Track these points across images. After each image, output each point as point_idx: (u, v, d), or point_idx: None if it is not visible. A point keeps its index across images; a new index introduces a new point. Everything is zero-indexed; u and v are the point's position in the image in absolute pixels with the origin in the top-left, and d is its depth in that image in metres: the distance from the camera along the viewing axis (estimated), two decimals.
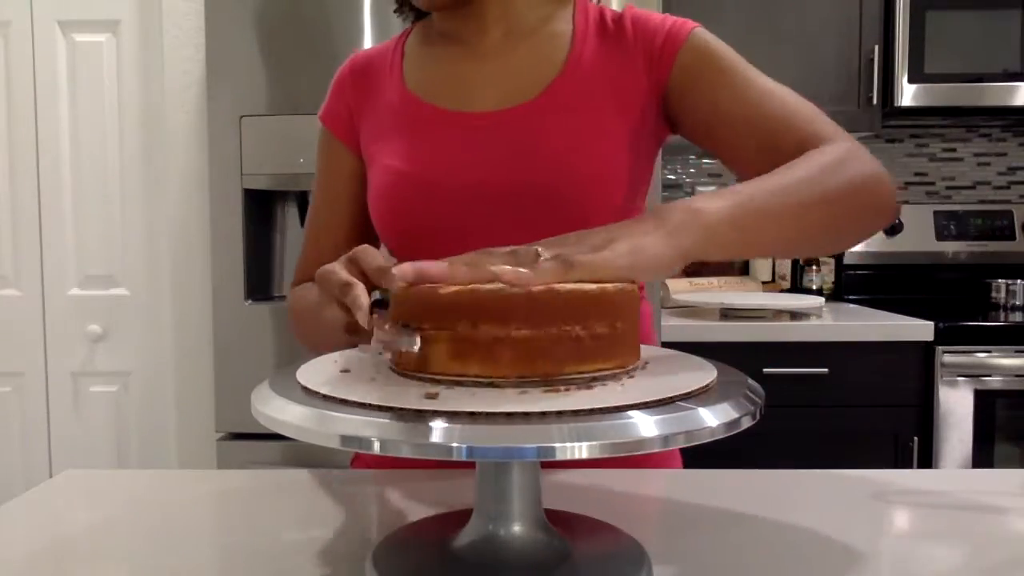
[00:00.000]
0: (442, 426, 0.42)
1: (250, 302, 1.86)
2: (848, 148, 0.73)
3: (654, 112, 0.83)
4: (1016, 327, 1.96)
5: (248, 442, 1.83)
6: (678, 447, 0.44)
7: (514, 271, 0.48)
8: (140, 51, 2.16)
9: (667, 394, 0.46)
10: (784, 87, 0.80)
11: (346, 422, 0.44)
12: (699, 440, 0.44)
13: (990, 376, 1.93)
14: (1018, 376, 1.92)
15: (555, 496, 0.71)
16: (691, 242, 0.59)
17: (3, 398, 2.24)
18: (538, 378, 0.49)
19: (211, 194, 1.86)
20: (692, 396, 0.47)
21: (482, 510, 0.54)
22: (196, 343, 2.05)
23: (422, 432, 0.42)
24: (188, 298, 2.06)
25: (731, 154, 0.81)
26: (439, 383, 0.49)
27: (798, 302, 2.06)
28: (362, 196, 0.89)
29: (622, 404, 0.44)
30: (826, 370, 1.93)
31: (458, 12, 0.86)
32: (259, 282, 1.92)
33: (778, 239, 0.67)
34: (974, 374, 1.92)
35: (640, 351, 0.56)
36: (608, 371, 0.51)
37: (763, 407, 0.50)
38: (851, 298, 2.47)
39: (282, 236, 1.99)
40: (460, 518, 0.57)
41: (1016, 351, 1.93)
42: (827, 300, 2.32)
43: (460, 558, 0.54)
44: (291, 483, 0.77)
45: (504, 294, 0.48)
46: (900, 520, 0.68)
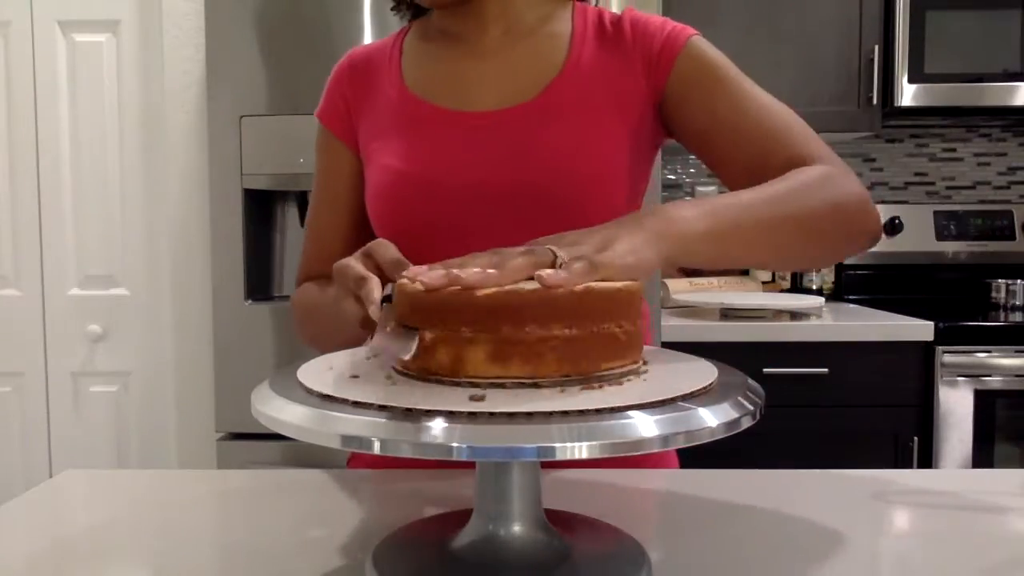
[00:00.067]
0: (442, 426, 0.42)
1: (250, 302, 1.86)
2: (832, 170, 0.74)
3: (651, 115, 0.84)
4: (1016, 327, 1.96)
5: (248, 442, 1.83)
6: (678, 447, 0.44)
7: (555, 274, 0.49)
8: (140, 51, 2.16)
9: (667, 394, 0.46)
10: (779, 102, 0.81)
11: (346, 422, 0.44)
12: (699, 440, 0.44)
13: (990, 376, 1.93)
14: (1018, 376, 1.92)
15: (555, 496, 0.71)
16: (669, 248, 0.60)
17: (3, 398, 2.24)
18: (578, 376, 0.49)
19: (211, 194, 1.86)
20: (692, 396, 0.47)
21: (482, 510, 0.54)
22: (196, 343, 2.05)
23: (422, 432, 0.42)
24: (188, 298, 2.06)
25: (720, 164, 0.81)
26: (477, 386, 0.48)
27: (798, 302, 2.06)
28: (362, 194, 0.89)
29: (622, 404, 0.44)
30: (826, 370, 1.93)
31: (458, 10, 0.86)
32: (259, 282, 1.92)
33: (753, 251, 0.69)
34: (974, 374, 1.92)
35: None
36: (630, 367, 0.53)
37: (763, 407, 0.50)
38: (851, 298, 2.47)
39: (282, 236, 1.99)
40: (460, 518, 0.57)
41: (1016, 351, 1.93)
42: (827, 300, 2.32)
43: (460, 558, 0.54)
44: (291, 483, 0.77)
45: (548, 295, 0.48)
46: (900, 520, 0.68)
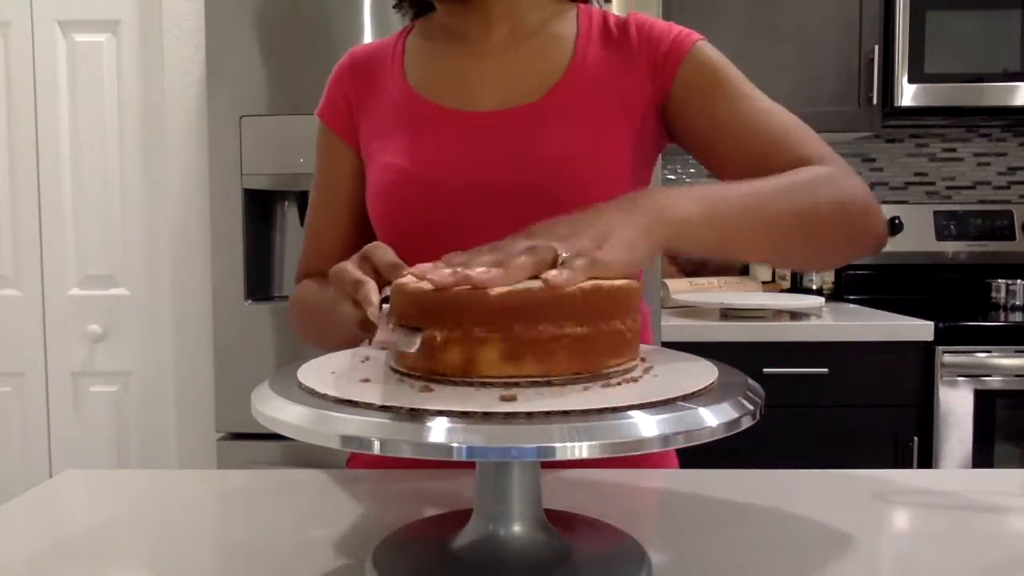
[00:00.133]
0: (442, 426, 0.42)
1: (250, 302, 1.86)
2: (835, 171, 0.73)
3: (654, 119, 0.84)
4: (1016, 327, 1.96)
5: (248, 442, 1.83)
6: (678, 447, 0.44)
7: (559, 275, 0.49)
8: (140, 51, 2.16)
9: (667, 394, 0.46)
10: (783, 108, 0.80)
11: (346, 422, 0.44)
12: (699, 440, 0.44)
13: (990, 376, 1.93)
14: (1018, 376, 1.92)
15: (555, 496, 0.71)
16: (664, 237, 0.60)
17: (3, 398, 2.24)
18: (589, 373, 0.50)
19: (211, 194, 1.86)
20: (692, 396, 0.47)
21: (482, 510, 0.54)
22: (196, 343, 2.05)
23: (422, 432, 0.42)
24: (188, 298, 2.06)
25: (722, 167, 0.81)
26: (491, 386, 0.48)
27: (798, 302, 2.06)
28: (362, 193, 0.89)
29: (622, 404, 0.44)
30: (826, 370, 1.93)
31: (462, 8, 0.86)
32: (259, 282, 1.92)
33: (748, 243, 0.68)
34: (974, 374, 1.92)
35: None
36: (632, 364, 0.53)
37: (763, 407, 0.50)
38: (851, 298, 2.47)
39: (282, 236, 1.99)
40: (460, 518, 0.57)
41: (1016, 351, 1.93)
42: (827, 300, 2.32)
43: (460, 558, 0.54)
44: (291, 483, 0.77)
45: (560, 293, 0.49)
46: (900, 520, 0.68)
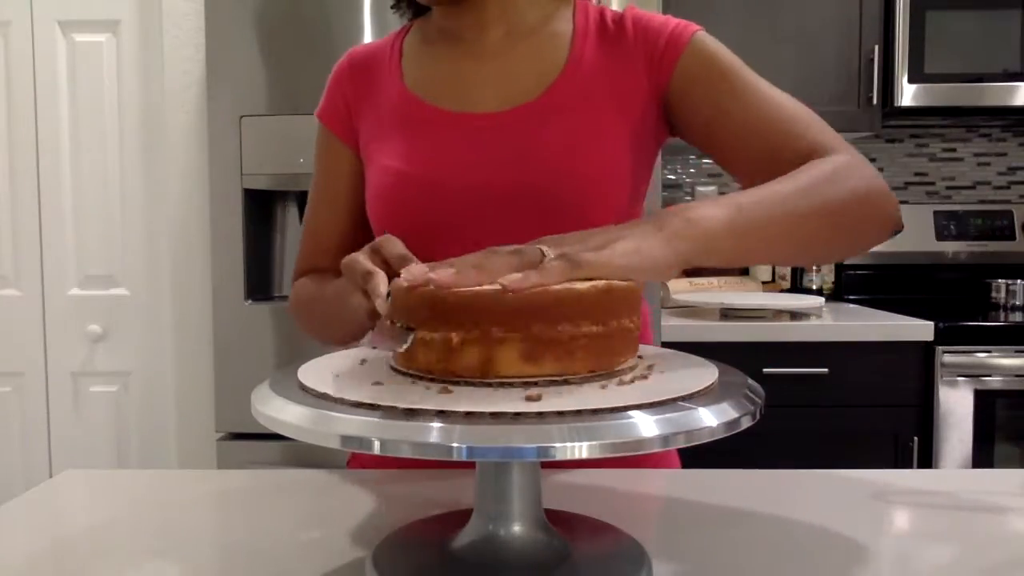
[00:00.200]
0: (442, 426, 0.42)
1: (250, 302, 1.86)
2: (849, 160, 0.73)
3: (654, 114, 0.83)
4: (1016, 327, 1.96)
5: (248, 442, 1.83)
6: (678, 447, 0.44)
7: (522, 277, 0.49)
8: (140, 51, 2.16)
9: (667, 394, 0.46)
10: (786, 94, 0.80)
11: (346, 422, 0.44)
12: (699, 440, 0.44)
13: (990, 376, 1.93)
14: (1018, 376, 1.92)
15: (555, 496, 0.71)
16: (688, 248, 0.59)
17: (3, 398, 2.24)
18: (603, 372, 0.51)
19: (211, 194, 1.86)
20: (692, 396, 0.47)
21: (482, 510, 0.54)
22: (196, 343, 2.05)
23: (422, 432, 0.42)
24: (188, 298, 2.06)
25: (730, 159, 0.81)
26: (509, 386, 0.48)
27: (798, 302, 2.06)
28: (361, 193, 0.89)
29: (622, 404, 0.44)
30: (826, 370, 1.93)
31: (457, 10, 0.86)
32: (259, 282, 1.92)
33: (775, 249, 0.68)
34: (974, 374, 1.92)
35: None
36: (635, 362, 0.54)
37: (763, 407, 0.50)
38: (851, 298, 2.47)
39: (282, 236, 1.99)
40: (460, 518, 0.57)
41: (1016, 351, 1.93)
42: (827, 300, 2.32)
43: (460, 558, 0.54)
44: (291, 483, 0.77)
45: (576, 292, 0.49)
46: (900, 520, 0.68)
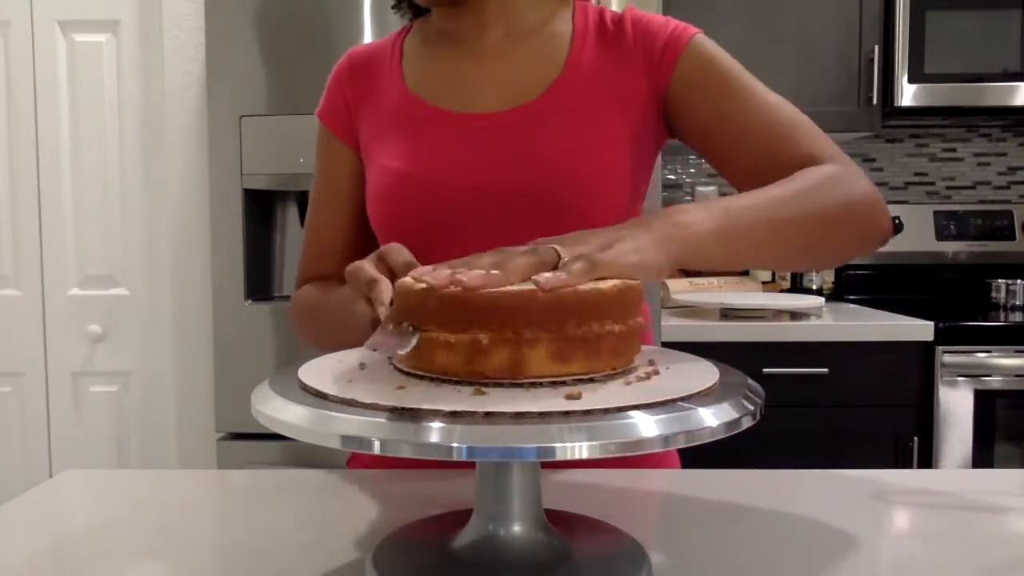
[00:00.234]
0: (442, 426, 0.42)
1: (250, 302, 1.86)
2: (841, 170, 0.74)
3: (654, 115, 0.83)
4: (1016, 327, 1.96)
5: (248, 442, 1.83)
6: (678, 447, 0.44)
7: (553, 277, 0.49)
8: (140, 51, 2.16)
9: (667, 394, 0.46)
10: (785, 100, 0.80)
11: (346, 422, 0.44)
12: (699, 440, 0.44)
13: (990, 376, 1.93)
14: (1018, 376, 1.92)
15: (555, 496, 0.71)
16: (677, 250, 0.61)
17: (3, 398, 2.24)
18: (623, 369, 0.52)
19: (211, 194, 1.86)
20: (692, 396, 0.47)
21: (482, 510, 0.54)
22: (196, 343, 2.05)
23: (422, 432, 0.42)
24: (188, 298, 2.05)
25: (726, 162, 0.81)
26: (539, 386, 0.48)
27: (798, 302, 2.06)
28: (362, 193, 0.89)
29: (622, 404, 0.44)
30: (826, 370, 1.93)
31: (457, 10, 0.86)
32: (259, 282, 1.92)
33: (763, 254, 0.69)
34: (974, 374, 1.92)
35: None
36: (640, 360, 0.55)
37: (763, 407, 0.50)
38: (851, 298, 2.47)
39: (282, 236, 1.99)
40: (460, 518, 0.57)
41: (1016, 351, 1.93)
42: (827, 300, 2.32)
43: (460, 558, 0.54)
44: (291, 483, 0.77)
45: (601, 291, 0.50)
46: (900, 520, 0.68)
